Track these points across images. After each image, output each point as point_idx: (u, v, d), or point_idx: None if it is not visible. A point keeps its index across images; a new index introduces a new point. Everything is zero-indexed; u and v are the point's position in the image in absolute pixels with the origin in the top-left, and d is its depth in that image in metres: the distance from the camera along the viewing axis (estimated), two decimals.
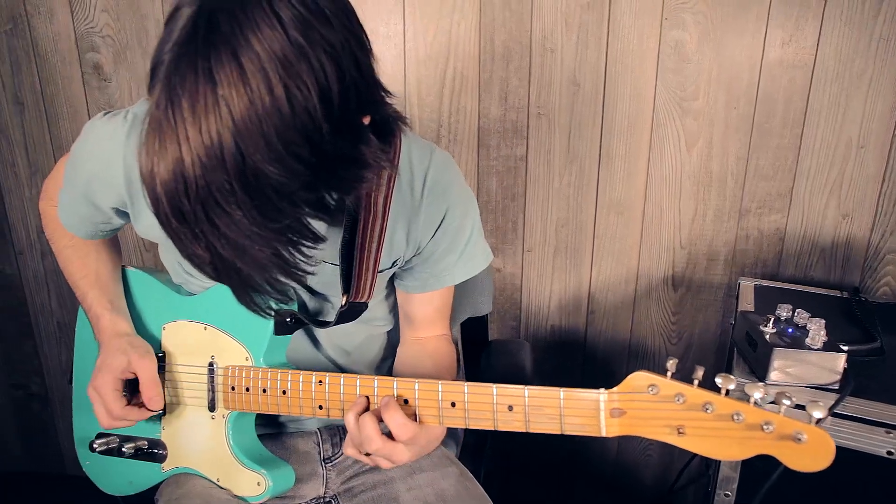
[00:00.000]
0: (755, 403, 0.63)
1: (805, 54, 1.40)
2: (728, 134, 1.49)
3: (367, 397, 0.80)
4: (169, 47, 0.59)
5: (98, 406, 0.90)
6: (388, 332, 1.08)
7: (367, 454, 0.79)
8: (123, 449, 0.97)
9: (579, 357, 1.74)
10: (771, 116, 1.46)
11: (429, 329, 1.03)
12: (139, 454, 0.98)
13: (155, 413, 0.92)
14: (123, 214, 0.93)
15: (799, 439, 0.61)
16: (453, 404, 0.75)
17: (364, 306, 0.92)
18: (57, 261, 1.03)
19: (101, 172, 0.87)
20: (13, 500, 1.96)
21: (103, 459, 1.01)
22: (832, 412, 0.99)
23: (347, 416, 0.79)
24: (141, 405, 0.91)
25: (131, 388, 0.92)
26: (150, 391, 0.90)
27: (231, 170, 0.58)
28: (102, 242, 1.02)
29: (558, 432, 0.72)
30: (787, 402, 0.62)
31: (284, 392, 0.85)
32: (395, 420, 0.76)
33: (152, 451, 0.97)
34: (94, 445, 0.98)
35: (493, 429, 0.75)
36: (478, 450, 1.17)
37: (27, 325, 1.88)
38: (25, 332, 1.89)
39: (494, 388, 0.74)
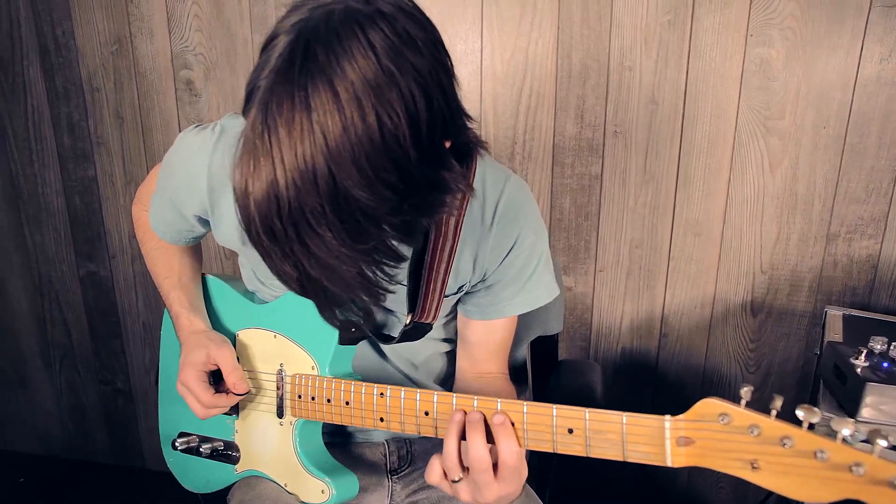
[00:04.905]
0: (843, 441, 0.57)
1: None
2: (816, 155, 1.41)
3: (464, 412, 0.75)
4: (266, 73, 0.61)
5: (190, 399, 0.93)
6: (453, 350, 1.08)
7: (454, 481, 0.75)
8: (201, 449, 1.01)
9: (650, 381, 1.69)
10: (865, 136, 1.38)
11: (486, 362, 1.00)
12: (215, 455, 1.02)
13: (242, 397, 0.94)
14: (205, 223, 0.97)
15: None
16: (512, 423, 0.74)
17: (428, 327, 0.93)
18: (145, 261, 1.09)
19: (188, 181, 0.91)
20: (96, 490, 2.07)
21: (184, 457, 1.06)
22: None
23: (449, 439, 0.74)
24: (228, 392, 0.93)
25: (216, 379, 0.95)
26: (233, 377, 0.92)
27: (323, 193, 0.59)
28: (186, 248, 1.08)
29: (621, 459, 0.69)
30: (884, 443, 0.56)
31: (348, 403, 0.86)
32: (510, 447, 0.72)
33: (227, 453, 1.01)
34: (176, 444, 1.03)
35: (552, 451, 0.73)
36: (543, 472, 1.15)
37: (115, 325, 2.00)
38: (114, 331, 2.01)
39: (554, 409, 0.71)
